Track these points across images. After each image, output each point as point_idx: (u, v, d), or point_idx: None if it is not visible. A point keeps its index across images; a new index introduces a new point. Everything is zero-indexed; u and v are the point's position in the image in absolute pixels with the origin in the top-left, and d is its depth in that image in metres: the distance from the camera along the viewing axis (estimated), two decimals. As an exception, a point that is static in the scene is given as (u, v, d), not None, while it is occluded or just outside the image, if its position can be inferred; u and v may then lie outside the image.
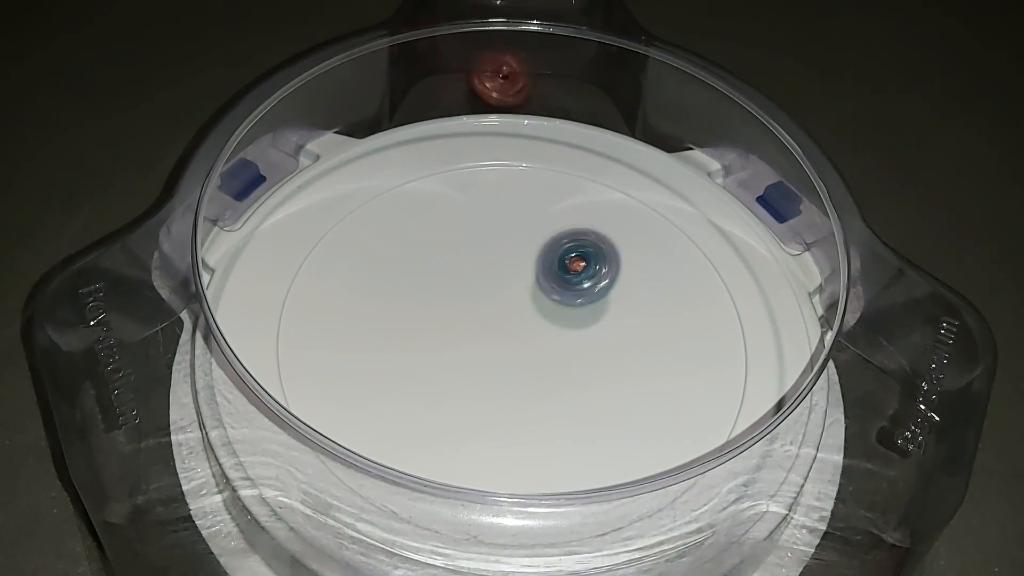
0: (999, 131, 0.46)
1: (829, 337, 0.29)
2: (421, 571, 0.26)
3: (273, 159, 0.35)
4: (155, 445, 0.30)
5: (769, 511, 0.28)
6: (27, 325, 0.37)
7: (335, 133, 0.37)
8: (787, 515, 0.28)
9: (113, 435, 0.28)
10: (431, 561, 0.26)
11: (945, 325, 0.30)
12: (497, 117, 0.37)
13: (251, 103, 0.32)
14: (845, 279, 0.29)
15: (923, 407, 0.29)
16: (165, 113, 0.44)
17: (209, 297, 0.29)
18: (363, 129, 0.37)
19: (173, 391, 0.31)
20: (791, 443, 0.29)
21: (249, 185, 0.34)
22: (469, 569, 0.26)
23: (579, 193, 0.35)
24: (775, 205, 0.35)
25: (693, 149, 0.37)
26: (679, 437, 0.29)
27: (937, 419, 0.29)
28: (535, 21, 0.35)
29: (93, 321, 0.29)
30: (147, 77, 0.46)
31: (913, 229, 0.41)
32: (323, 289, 0.32)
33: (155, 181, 0.41)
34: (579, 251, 0.32)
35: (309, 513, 0.27)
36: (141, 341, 0.30)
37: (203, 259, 0.32)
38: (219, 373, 0.30)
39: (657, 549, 0.27)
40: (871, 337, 0.31)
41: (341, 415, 0.29)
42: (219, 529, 0.29)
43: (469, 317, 0.32)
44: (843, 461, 0.31)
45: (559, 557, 0.26)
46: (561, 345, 0.31)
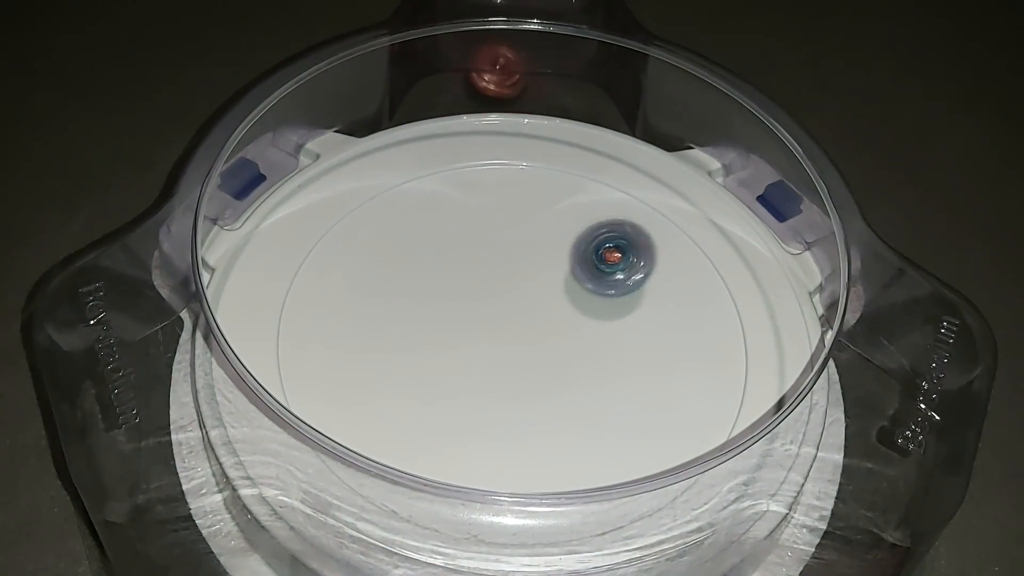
0: (999, 131, 0.46)
1: (829, 336, 0.29)
2: (421, 570, 0.26)
3: (273, 158, 0.35)
4: (155, 444, 0.30)
5: (769, 510, 0.28)
6: (27, 325, 0.37)
7: (335, 132, 0.37)
8: (787, 514, 0.28)
9: (113, 434, 0.28)
10: (431, 560, 0.26)
11: (945, 325, 0.30)
12: (497, 116, 0.37)
13: (251, 102, 0.32)
14: (845, 278, 0.29)
15: (923, 406, 0.29)
16: (165, 113, 0.44)
17: (209, 296, 0.29)
18: (363, 128, 0.37)
19: (173, 390, 0.31)
20: (791, 442, 0.29)
21: (249, 184, 0.34)
22: (469, 568, 0.26)
23: (579, 192, 0.35)
24: (775, 204, 0.35)
25: (693, 148, 0.37)
26: (679, 436, 0.29)
27: (937, 419, 0.29)
28: (535, 20, 0.35)
29: (93, 320, 0.29)
30: (147, 77, 0.46)
31: (913, 229, 0.41)
32: (323, 288, 0.32)
33: (155, 181, 0.41)
34: (615, 242, 0.31)
35: (309, 512, 0.27)
36: (141, 340, 0.30)
37: (203, 258, 0.32)
38: (219, 372, 0.30)
39: (657, 548, 0.27)
40: (871, 336, 0.30)
41: (341, 414, 0.29)
42: (219, 528, 0.29)
43: (468, 317, 0.32)
44: (843, 460, 0.31)
45: (559, 556, 0.26)
46: (560, 345, 0.31)
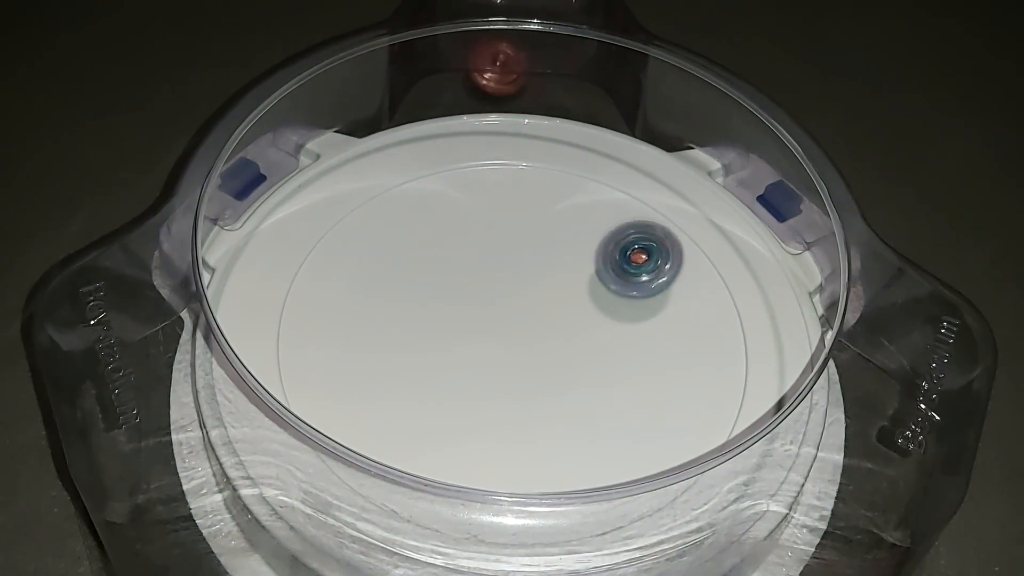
0: (999, 131, 0.46)
1: (829, 336, 0.29)
2: (421, 570, 0.26)
3: (273, 158, 0.35)
4: (155, 444, 0.30)
5: (769, 510, 0.28)
6: (27, 325, 0.37)
7: (335, 132, 0.37)
8: (787, 514, 0.28)
9: (113, 434, 0.28)
10: (431, 560, 0.26)
11: (945, 325, 0.30)
12: (497, 116, 0.37)
13: (251, 103, 0.32)
14: (845, 278, 0.29)
15: (923, 406, 0.29)
16: (165, 113, 0.44)
17: (209, 296, 0.29)
18: (363, 128, 0.37)
19: (173, 390, 0.31)
20: (791, 442, 0.29)
21: (249, 184, 0.34)
22: (469, 568, 0.26)
23: (579, 192, 0.35)
24: (775, 204, 0.35)
25: (693, 148, 0.37)
26: (679, 436, 0.29)
27: (937, 419, 0.29)
28: (535, 20, 0.35)
29: (93, 320, 0.29)
30: (147, 77, 0.46)
31: (913, 229, 0.41)
32: (323, 288, 0.32)
33: (155, 181, 0.41)
34: (643, 243, 0.31)
35: (309, 512, 0.27)
36: (141, 340, 0.30)
37: (203, 258, 0.32)
38: (219, 372, 0.30)
39: (657, 548, 0.27)
40: (871, 336, 0.30)
41: (341, 414, 0.29)
42: (219, 528, 0.29)
43: (468, 317, 0.32)
44: (843, 460, 0.31)
45: (559, 556, 0.26)
46: (558, 345, 0.31)
